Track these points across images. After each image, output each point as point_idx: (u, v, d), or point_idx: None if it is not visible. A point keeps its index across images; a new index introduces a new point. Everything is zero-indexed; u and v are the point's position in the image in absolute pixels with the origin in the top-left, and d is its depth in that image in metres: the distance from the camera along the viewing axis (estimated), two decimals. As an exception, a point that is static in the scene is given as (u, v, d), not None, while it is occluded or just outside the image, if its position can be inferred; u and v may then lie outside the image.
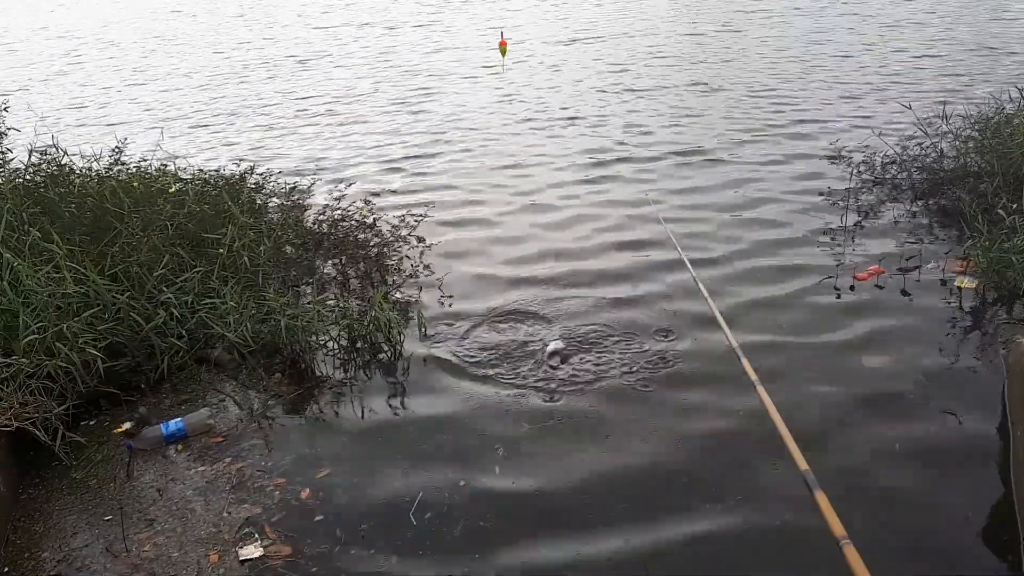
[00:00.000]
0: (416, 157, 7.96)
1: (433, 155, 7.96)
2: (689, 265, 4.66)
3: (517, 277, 5.12)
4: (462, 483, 3.21)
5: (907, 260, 4.81)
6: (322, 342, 4.24)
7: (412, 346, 4.32)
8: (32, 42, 19.71)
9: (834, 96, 9.06)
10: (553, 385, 3.85)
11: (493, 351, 4.20)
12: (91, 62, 15.81)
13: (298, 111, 10.28)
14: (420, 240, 5.68)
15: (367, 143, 8.61)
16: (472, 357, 4.16)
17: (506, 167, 7.43)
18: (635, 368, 3.94)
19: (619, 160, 7.35)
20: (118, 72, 14.38)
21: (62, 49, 17.89)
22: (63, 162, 5.01)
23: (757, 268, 5.01)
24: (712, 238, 5.51)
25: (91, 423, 3.73)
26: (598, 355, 4.09)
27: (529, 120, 8.89)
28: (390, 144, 8.49)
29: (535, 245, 5.63)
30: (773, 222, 5.72)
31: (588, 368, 3.97)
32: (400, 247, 5.49)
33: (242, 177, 5.88)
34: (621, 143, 7.84)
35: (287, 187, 6.15)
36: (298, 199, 6.04)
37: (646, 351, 4.10)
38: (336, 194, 6.52)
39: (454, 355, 4.20)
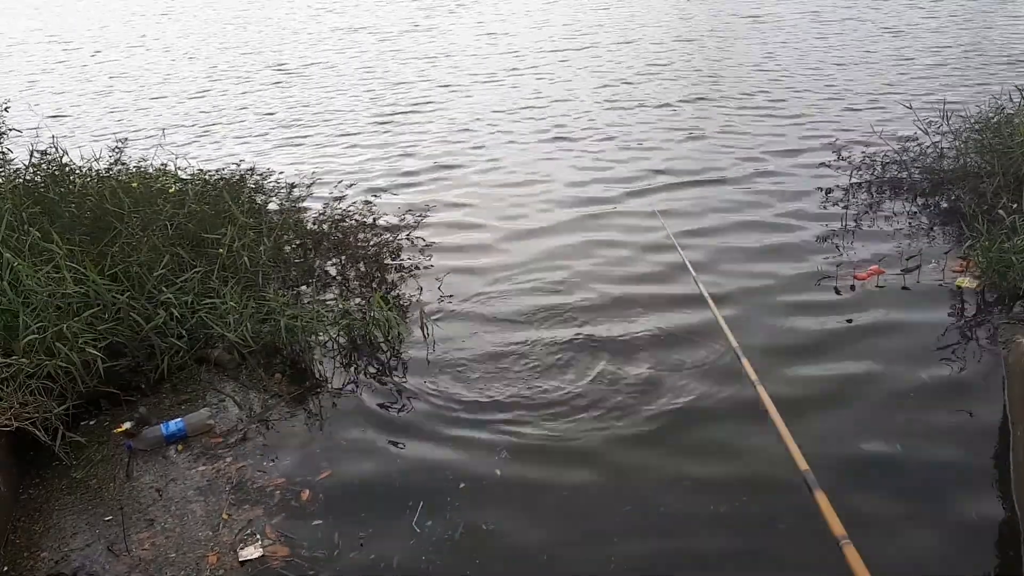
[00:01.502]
0: (413, 164, 7.88)
1: (431, 163, 7.86)
2: (690, 266, 4.67)
3: (517, 278, 5.12)
4: (462, 486, 3.21)
5: (907, 260, 4.80)
6: (322, 342, 4.24)
7: (412, 346, 4.32)
8: (21, 44, 19.65)
9: (834, 97, 9.05)
10: (558, 387, 3.85)
11: (494, 353, 4.19)
12: (80, 67, 15.74)
13: (293, 119, 10.19)
14: (420, 240, 5.67)
15: (365, 149, 8.53)
16: (473, 358, 4.16)
17: (504, 177, 7.30)
18: (634, 366, 3.94)
19: (619, 167, 7.28)
20: (105, 78, 14.29)
21: (51, 53, 17.83)
22: (63, 162, 5.01)
23: (757, 267, 5.00)
24: (710, 239, 5.50)
25: (91, 423, 3.73)
26: (598, 352, 4.09)
27: (529, 132, 8.72)
28: (388, 151, 8.40)
29: (534, 251, 5.58)
30: (772, 221, 5.72)
31: (589, 365, 3.97)
32: (400, 247, 5.49)
33: (242, 177, 5.89)
34: (619, 154, 7.72)
35: (287, 187, 6.16)
36: (298, 200, 6.04)
37: (646, 350, 4.10)
38: (336, 195, 6.52)
39: (454, 356, 4.19)
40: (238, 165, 6.26)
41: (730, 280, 4.85)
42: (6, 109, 4.97)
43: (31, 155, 4.87)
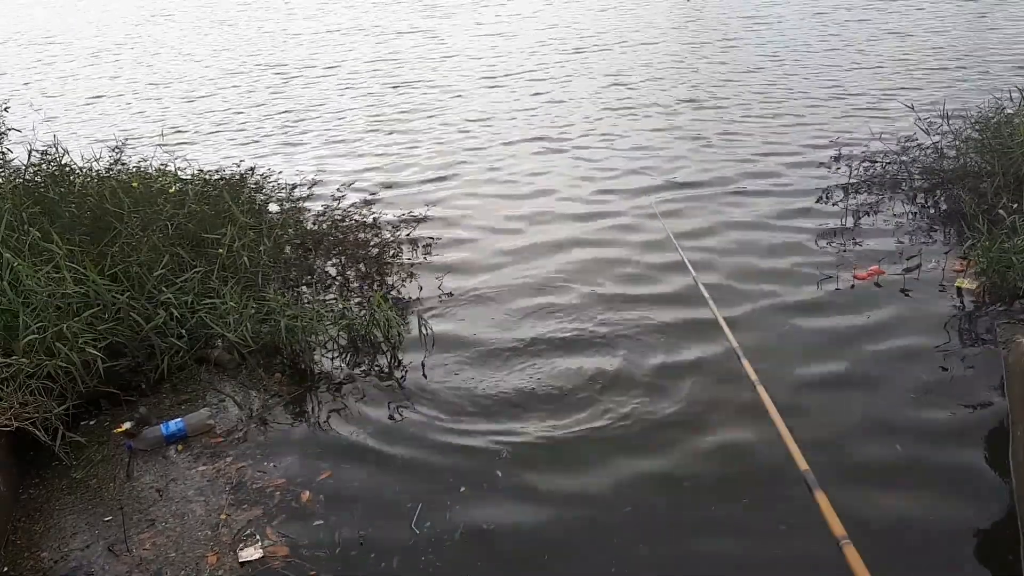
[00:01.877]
0: (412, 166, 7.84)
1: (430, 166, 7.78)
2: (690, 266, 4.66)
3: (516, 282, 5.10)
4: (462, 488, 3.20)
5: (907, 260, 4.81)
6: (322, 342, 4.24)
7: (412, 347, 4.31)
8: (18, 44, 19.61)
9: (836, 98, 9.04)
10: (558, 388, 3.85)
11: (495, 356, 4.19)
12: (77, 68, 15.68)
13: (291, 121, 10.12)
14: (419, 243, 5.66)
15: (364, 153, 8.49)
16: (473, 361, 4.15)
17: (504, 185, 7.19)
18: (634, 368, 3.94)
19: (620, 171, 7.24)
20: (102, 80, 14.23)
21: (47, 54, 17.78)
22: (63, 162, 5.01)
23: (757, 267, 5.01)
24: (710, 240, 5.49)
25: (91, 423, 3.73)
26: (598, 355, 4.09)
27: (529, 137, 8.62)
28: (386, 154, 8.34)
29: (533, 254, 5.54)
30: (773, 222, 5.70)
31: (588, 367, 3.97)
32: (400, 249, 5.49)
33: (242, 177, 5.89)
34: (621, 159, 7.62)
35: (287, 187, 6.16)
36: (298, 200, 6.04)
37: (645, 350, 4.10)
38: (336, 195, 6.52)
39: (455, 358, 4.19)
40: (238, 165, 6.26)
41: (731, 281, 4.84)
42: (6, 109, 4.97)
43: (29, 155, 4.87)
